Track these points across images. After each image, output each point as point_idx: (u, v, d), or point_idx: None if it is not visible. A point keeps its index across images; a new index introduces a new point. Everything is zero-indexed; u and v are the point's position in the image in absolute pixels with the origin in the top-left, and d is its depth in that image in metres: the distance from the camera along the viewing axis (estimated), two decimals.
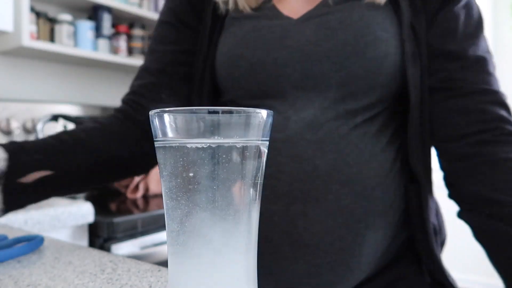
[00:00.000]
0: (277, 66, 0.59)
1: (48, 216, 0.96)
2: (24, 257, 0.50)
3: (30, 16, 1.49)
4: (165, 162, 0.31)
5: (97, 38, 1.70)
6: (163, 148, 0.31)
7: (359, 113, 0.58)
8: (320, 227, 0.56)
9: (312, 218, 0.56)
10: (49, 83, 1.70)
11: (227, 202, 0.30)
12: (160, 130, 0.30)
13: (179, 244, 0.31)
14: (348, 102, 0.58)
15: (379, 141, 0.59)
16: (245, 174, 0.30)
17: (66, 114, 1.50)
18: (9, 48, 1.44)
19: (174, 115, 0.29)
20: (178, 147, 0.30)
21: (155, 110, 0.30)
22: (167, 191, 0.31)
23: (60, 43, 1.57)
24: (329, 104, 0.58)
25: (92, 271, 0.45)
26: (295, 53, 0.58)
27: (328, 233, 0.56)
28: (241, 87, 0.62)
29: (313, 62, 0.58)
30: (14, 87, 1.59)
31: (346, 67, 0.57)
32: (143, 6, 1.86)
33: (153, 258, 1.17)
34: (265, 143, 0.32)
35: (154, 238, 1.18)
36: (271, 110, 0.31)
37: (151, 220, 1.17)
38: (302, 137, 0.57)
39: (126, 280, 0.42)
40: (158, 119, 0.30)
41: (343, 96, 0.58)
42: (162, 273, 0.45)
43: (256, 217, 0.32)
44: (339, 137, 0.57)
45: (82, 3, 1.68)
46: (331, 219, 0.56)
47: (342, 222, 0.56)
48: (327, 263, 0.57)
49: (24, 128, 1.46)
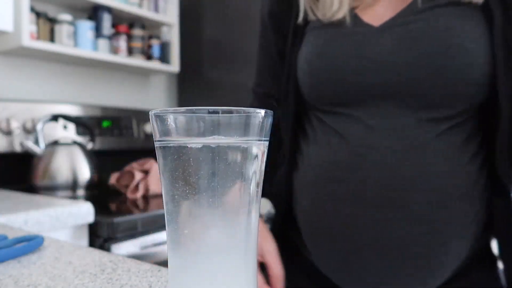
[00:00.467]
0: (356, 75, 0.58)
1: (48, 216, 0.96)
2: (24, 257, 0.50)
3: (30, 16, 1.48)
4: (165, 162, 0.31)
5: (97, 38, 1.70)
6: (163, 148, 0.31)
7: (443, 122, 0.57)
8: (404, 233, 0.57)
9: (397, 225, 0.57)
10: (49, 83, 1.70)
11: (227, 201, 0.30)
12: (160, 130, 0.30)
13: (179, 244, 0.31)
14: (431, 112, 0.57)
15: (465, 151, 0.58)
16: (245, 174, 0.30)
17: (66, 114, 1.50)
18: (9, 48, 1.44)
19: (174, 115, 0.29)
20: (178, 147, 0.30)
21: (154, 110, 0.30)
22: (167, 191, 0.31)
23: (60, 43, 1.57)
24: (411, 113, 0.57)
25: (92, 271, 0.45)
26: (375, 63, 0.57)
27: (412, 242, 0.57)
28: (320, 94, 0.63)
29: (392, 72, 0.57)
30: (14, 87, 1.59)
31: (427, 79, 0.55)
32: (143, 6, 1.86)
33: (153, 258, 1.17)
34: (265, 143, 0.32)
35: (154, 238, 1.18)
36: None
37: (151, 220, 1.17)
38: (386, 144, 0.57)
39: (126, 280, 0.42)
40: (158, 119, 0.30)
41: (426, 106, 0.57)
42: (162, 273, 0.45)
43: (256, 217, 0.32)
44: (424, 145, 0.57)
45: (82, 3, 1.67)
46: (416, 227, 0.57)
47: (427, 231, 0.56)
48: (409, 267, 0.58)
49: (24, 128, 1.46)
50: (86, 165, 1.42)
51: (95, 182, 1.45)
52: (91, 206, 1.07)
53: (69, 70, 1.77)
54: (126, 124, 1.79)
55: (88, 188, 1.42)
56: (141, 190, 1.40)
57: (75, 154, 1.41)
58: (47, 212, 0.96)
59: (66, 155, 1.39)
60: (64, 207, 1.01)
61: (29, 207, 0.97)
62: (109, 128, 1.72)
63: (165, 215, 0.32)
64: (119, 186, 1.46)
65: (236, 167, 0.30)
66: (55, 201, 1.09)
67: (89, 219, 1.06)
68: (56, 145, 1.39)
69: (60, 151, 1.38)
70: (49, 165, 1.36)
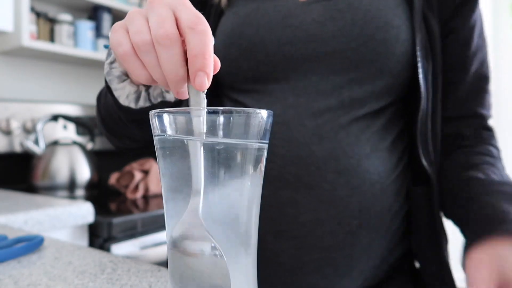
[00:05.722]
0: (279, 46, 0.56)
1: (48, 216, 0.96)
2: (24, 257, 0.50)
3: (30, 16, 1.48)
4: (164, 162, 0.31)
5: (97, 38, 1.70)
6: (162, 148, 0.31)
7: (364, 103, 0.56)
8: (310, 217, 0.53)
9: (303, 206, 0.53)
10: (49, 83, 1.70)
11: (227, 202, 0.30)
12: (160, 129, 0.30)
13: (178, 243, 0.31)
14: (354, 88, 0.55)
15: (383, 138, 0.57)
16: (245, 174, 0.30)
17: (66, 114, 1.50)
18: (9, 48, 1.44)
19: (174, 115, 0.29)
20: (177, 147, 0.30)
21: (155, 110, 0.30)
22: (166, 191, 0.31)
23: (60, 43, 1.57)
24: (332, 89, 0.55)
25: (92, 271, 0.45)
26: (299, 33, 0.55)
27: (318, 225, 0.53)
28: (239, 69, 0.58)
29: (317, 42, 0.55)
30: (14, 87, 1.59)
31: (353, 48, 0.54)
32: (143, 6, 1.86)
33: (153, 258, 1.17)
34: (265, 143, 0.32)
35: (154, 238, 1.18)
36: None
37: (151, 220, 1.17)
38: (299, 122, 0.55)
39: (126, 280, 0.42)
40: (157, 119, 0.30)
41: (349, 81, 0.55)
42: (162, 273, 0.45)
43: (257, 215, 0.32)
44: (339, 127, 0.55)
45: (82, 3, 1.67)
46: (323, 210, 0.53)
47: (335, 215, 0.53)
48: (313, 260, 0.54)
49: (24, 128, 1.46)
50: (86, 165, 1.42)
51: (95, 182, 1.45)
52: (91, 206, 1.07)
53: (69, 70, 1.77)
54: None
55: (88, 188, 1.42)
56: (141, 190, 1.40)
57: (75, 154, 1.41)
58: (47, 212, 0.96)
59: (66, 155, 1.39)
60: (64, 207, 1.01)
61: (29, 207, 0.97)
62: None
63: (164, 215, 0.32)
64: (118, 186, 1.46)
65: (236, 166, 0.30)
66: (55, 201, 1.09)
67: (89, 219, 1.06)
68: (56, 145, 1.39)
69: (60, 151, 1.38)
70: (49, 165, 1.36)
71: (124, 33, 0.34)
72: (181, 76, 0.32)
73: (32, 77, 1.65)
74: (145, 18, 0.33)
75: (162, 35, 0.31)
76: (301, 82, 0.56)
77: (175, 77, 0.32)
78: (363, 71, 0.55)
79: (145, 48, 0.33)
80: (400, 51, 0.55)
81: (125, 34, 0.34)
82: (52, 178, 1.35)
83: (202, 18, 0.32)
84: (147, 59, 0.33)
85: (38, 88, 1.66)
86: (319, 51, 0.55)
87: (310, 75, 0.56)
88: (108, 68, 0.43)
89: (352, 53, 0.54)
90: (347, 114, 0.55)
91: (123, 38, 0.34)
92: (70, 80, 1.77)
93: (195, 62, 0.31)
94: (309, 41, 0.55)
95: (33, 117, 1.48)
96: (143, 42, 0.32)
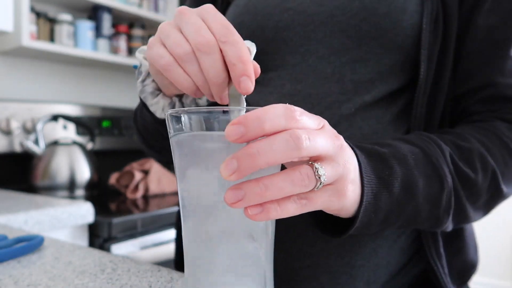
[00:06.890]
0: (277, 31, 0.53)
1: (48, 216, 0.96)
2: (24, 257, 0.50)
3: (30, 16, 1.48)
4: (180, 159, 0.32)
5: (97, 38, 1.70)
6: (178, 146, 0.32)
7: (370, 87, 0.50)
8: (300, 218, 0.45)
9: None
10: (49, 83, 1.70)
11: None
12: (175, 128, 0.31)
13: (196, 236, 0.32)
14: (357, 69, 0.50)
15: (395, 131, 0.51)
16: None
17: (66, 114, 1.50)
18: (9, 48, 1.44)
19: (189, 115, 0.30)
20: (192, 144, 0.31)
21: (171, 110, 0.32)
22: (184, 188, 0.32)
23: (60, 43, 1.57)
24: (332, 72, 0.51)
25: (92, 271, 0.45)
26: (297, 15, 0.53)
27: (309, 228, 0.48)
28: None
29: (316, 23, 0.52)
30: (14, 87, 1.59)
31: (354, 25, 0.50)
32: (143, 6, 1.86)
33: (153, 258, 1.17)
34: None
35: (154, 238, 1.18)
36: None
37: (151, 220, 1.17)
38: None
39: (126, 280, 0.42)
40: (174, 118, 0.31)
41: (351, 61, 0.50)
42: (162, 273, 0.45)
43: None
44: (341, 117, 0.50)
45: (82, 3, 1.67)
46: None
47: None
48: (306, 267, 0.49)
49: (24, 128, 1.46)
50: (86, 165, 1.42)
51: (95, 182, 1.45)
52: (91, 206, 1.07)
53: (69, 70, 1.77)
54: (126, 124, 1.79)
55: (88, 188, 1.42)
56: (141, 190, 1.40)
57: (75, 154, 1.41)
58: (47, 212, 0.96)
59: (66, 155, 1.39)
60: (64, 207, 1.01)
61: (29, 207, 0.97)
62: (109, 128, 1.72)
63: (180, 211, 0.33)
64: (119, 186, 1.46)
65: None
66: (55, 201, 1.09)
67: (89, 219, 1.06)
68: (56, 145, 1.39)
69: (60, 151, 1.38)
70: (49, 165, 1.36)
71: (162, 47, 0.36)
72: (224, 78, 0.34)
73: (32, 77, 1.65)
74: (179, 29, 0.35)
75: (202, 42, 0.33)
76: (299, 66, 0.52)
77: (219, 80, 0.34)
78: (366, 49, 0.50)
79: (187, 58, 0.34)
80: (409, 23, 0.49)
81: (163, 48, 0.36)
82: (52, 178, 1.35)
83: (230, 28, 0.34)
84: (190, 68, 0.35)
85: (38, 88, 1.66)
86: (318, 33, 0.52)
87: (308, 57, 0.52)
88: (141, 86, 0.45)
89: (352, 31, 0.50)
90: (350, 101, 0.50)
91: (162, 51, 0.36)
92: (70, 80, 1.77)
93: (237, 69, 0.33)
94: (307, 23, 0.52)
95: (33, 117, 1.48)
96: (185, 52, 0.34)
